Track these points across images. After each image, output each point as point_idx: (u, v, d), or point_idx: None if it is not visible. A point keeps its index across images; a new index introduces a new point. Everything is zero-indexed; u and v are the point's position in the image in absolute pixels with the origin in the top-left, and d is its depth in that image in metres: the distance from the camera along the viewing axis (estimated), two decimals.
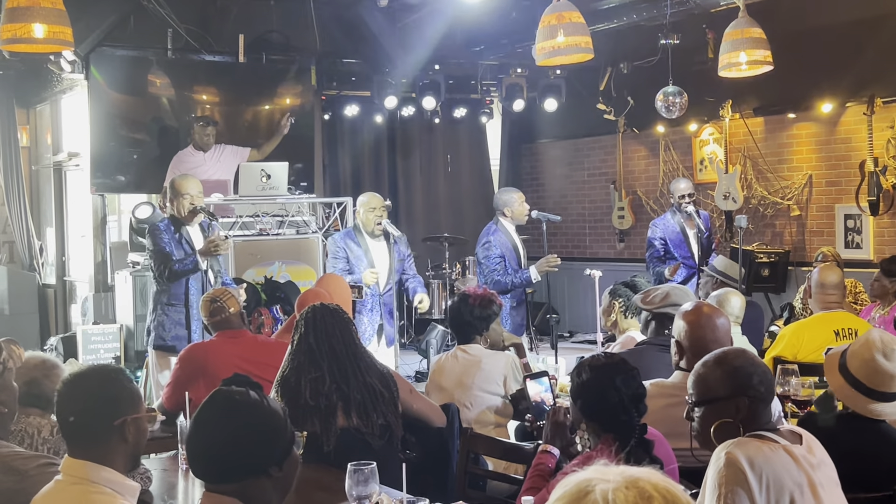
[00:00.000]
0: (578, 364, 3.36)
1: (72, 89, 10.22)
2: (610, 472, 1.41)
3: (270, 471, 2.37)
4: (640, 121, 11.25)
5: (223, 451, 2.36)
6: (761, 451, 2.76)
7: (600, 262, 10.36)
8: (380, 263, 7.08)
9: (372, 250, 7.06)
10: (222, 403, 2.41)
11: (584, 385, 3.26)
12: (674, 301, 4.64)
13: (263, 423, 2.40)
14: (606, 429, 3.19)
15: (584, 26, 5.52)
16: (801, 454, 2.81)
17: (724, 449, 2.78)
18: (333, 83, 11.09)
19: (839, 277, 5.68)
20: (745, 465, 2.71)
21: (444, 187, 12.51)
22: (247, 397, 2.41)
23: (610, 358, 3.35)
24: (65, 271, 11.12)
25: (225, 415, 2.39)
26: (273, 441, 2.40)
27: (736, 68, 6.44)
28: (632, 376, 3.24)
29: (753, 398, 2.89)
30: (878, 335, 3.40)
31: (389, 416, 3.97)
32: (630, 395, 3.19)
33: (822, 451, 2.91)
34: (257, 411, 2.40)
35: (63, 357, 8.61)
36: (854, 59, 9.10)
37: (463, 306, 5.03)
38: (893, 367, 3.33)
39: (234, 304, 4.95)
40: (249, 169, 8.50)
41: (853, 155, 9.34)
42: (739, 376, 2.92)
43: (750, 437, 2.83)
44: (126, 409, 2.71)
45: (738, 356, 2.99)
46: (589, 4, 8.55)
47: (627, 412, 3.17)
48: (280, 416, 2.44)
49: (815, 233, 9.82)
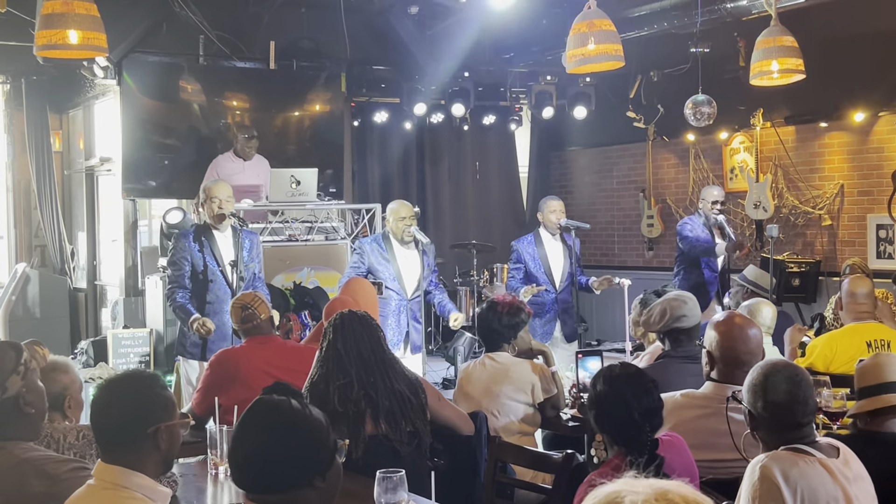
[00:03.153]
0: (595, 374, 3.35)
1: (104, 95, 10.32)
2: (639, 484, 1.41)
3: (315, 482, 2.33)
4: (670, 129, 11.21)
5: (268, 460, 2.32)
6: (796, 465, 2.74)
7: (629, 271, 10.35)
8: (409, 270, 7.09)
9: (400, 257, 7.07)
10: (266, 412, 2.37)
11: (598, 397, 3.23)
12: (675, 315, 4.62)
13: (308, 432, 2.36)
14: (618, 442, 3.17)
15: (614, 34, 5.51)
16: (837, 468, 2.78)
17: (759, 462, 2.75)
18: (363, 90, 11.13)
19: (869, 288, 5.63)
20: (779, 479, 2.68)
21: (472, 194, 12.51)
22: (290, 406, 2.37)
23: (625, 369, 3.30)
24: (96, 275, 11.20)
25: (269, 424, 2.35)
26: (317, 451, 2.36)
27: (768, 77, 6.40)
28: (646, 391, 3.19)
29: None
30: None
31: (418, 422, 3.97)
32: (642, 410, 3.15)
33: (860, 465, 2.88)
34: (302, 421, 2.36)
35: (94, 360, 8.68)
36: (887, 68, 9.03)
37: (491, 314, 5.02)
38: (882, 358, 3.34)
39: (265, 310, 4.97)
40: (279, 175, 8.54)
41: (885, 164, 9.26)
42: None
43: (786, 451, 2.81)
44: (160, 417, 2.72)
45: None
46: (619, 12, 8.53)
47: (638, 427, 3.13)
48: (324, 426, 2.40)
49: (846, 243, 9.74)
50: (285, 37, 10.41)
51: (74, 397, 3.92)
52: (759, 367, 3.03)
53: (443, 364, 9.77)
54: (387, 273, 6.98)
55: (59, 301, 10.73)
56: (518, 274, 7.62)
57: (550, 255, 7.59)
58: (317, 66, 10.61)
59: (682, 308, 4.63)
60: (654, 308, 4.75)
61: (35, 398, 3.29)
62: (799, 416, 2.90)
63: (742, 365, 3.67)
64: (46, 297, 10.56)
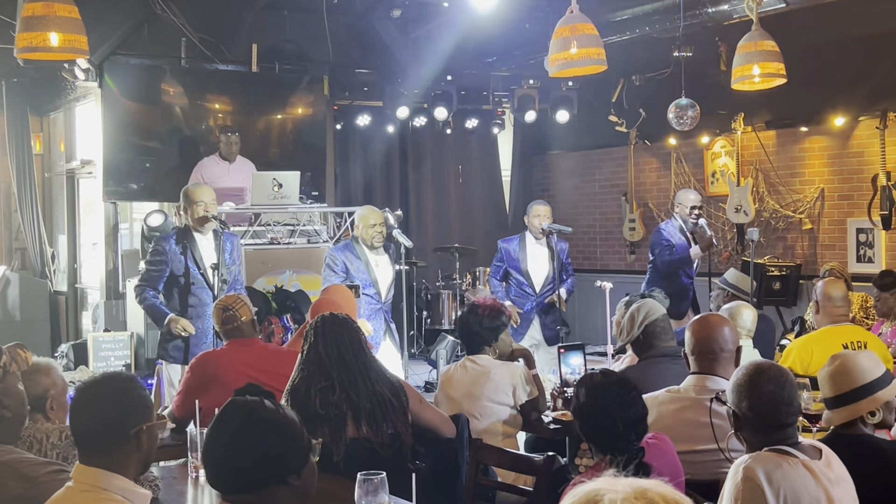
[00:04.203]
0: (580, 382, 3.33)
1: (85, 97, 10.27)
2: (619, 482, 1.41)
3: (289, 479, 2.36)
4: (652, 133, 11.25)
5: (241, 460, 2.34)
6: (780, 466, 2.75)
7: (611, 274, 10.36)
8: (383, 275, 7.12)
9: (372, 262, 7.09)
10: (238, 413, 2.40)
11: (583, 408, 3.23)
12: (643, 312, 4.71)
13: (280, 431, 2.38)
14: (604, 451, 3.17)
15: (597, 38, 5.53)
16: (819, 469, 2.80)
17: (742, 463, 2.77)
18: (346, 93, 11.12)
19: (845, 291, 5.67)
20: (762, 480, 2.70)
21: (455, 198, 12.52)
22: (262, 406, 2.40)
23: (607, 378, 3.30)
24: (76, 278, 11.15)
25: (241, 424, 2.37)
26: (291, 450, 2.39)
27: (749, 81, 6.43)
28: (630, 400, 3.19)
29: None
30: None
31: (399, 425, 3.97)
32: (627, 421, 3.15)
33: (842, 468, 2.89)
34: (274, 420, 2.39)
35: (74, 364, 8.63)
36: (867, 73, 9.09)
37: (472, 317, 5.03)
38: (865, 361, 3.35)
39: (247, 312, 4.96)
40: (261, 178, 8.52)
41: (865, 169, 9.32)
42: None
43: (769, 452, 2.82)
44: (141, 418, 2.72)
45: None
46: (602, 16, 8.56)
47: (624, 437, 3.14)
48: (297, 425, 2.43)
49: (826, 246, 9.80)
50: (268, 39, 10.40)
51: (57, 399, 3.89)
52: (744, 367, 3.05)
53: (424, 367, 9.77)
54: (361, 279, 6.98)
55: (40, 304, 10.67)
56: (498, 272, 7.79)
57: (532, 259, 7.66)
58: (299, 68, 10.60)
59: (642, 306, 4.73)
60: (622, 325, 4.80)
61: (13, 402, 3.27)
62: (783, 416, 2.91)
63: (718, 357, 3.84)
64: (27, 301, 10.50)
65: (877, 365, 3.37)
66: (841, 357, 3.42)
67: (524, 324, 7.63)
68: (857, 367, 3.33)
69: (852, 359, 3.37)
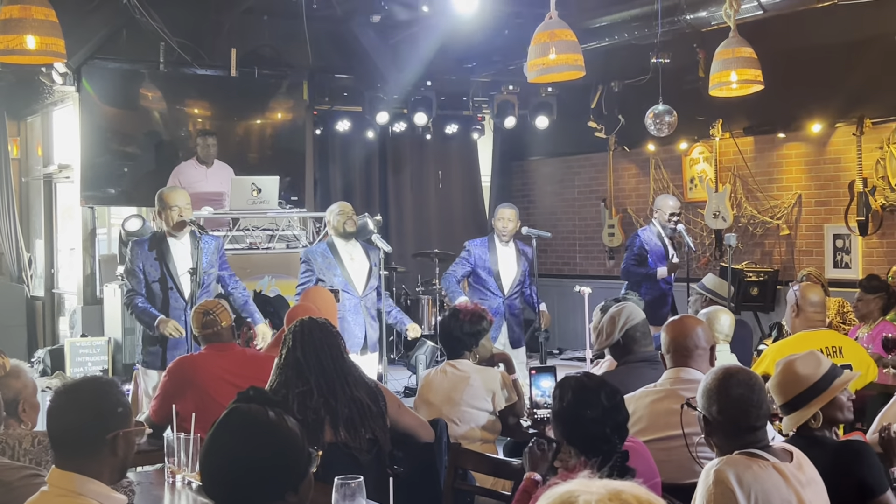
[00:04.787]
0: (562, 385, 3.32)
1: (63, 101, 10.22)
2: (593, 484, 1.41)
3: (287, 496, 2.28)
4: (631, 139, 11.30)
5: (241, 474, 2.25)
6: (750, 469, 2.77)
7: (590, 280, 10.40)
8: (356, 269, 7.06)
9: (346, 259, 7.04)
10: (241, 423, 2.30)
11: (565, 412, 3.22)
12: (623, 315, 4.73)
13: (283, 445, 2.29)
14: (586, 454, 3.17)
15: (575, 44, 5.55)
16: (790, 472, 2.81)
17: (714, 467, 2.78)
18: (325, 98, 11.11)
19: (822, 296, 5.70)
20: (734, 483, 2.71)
21: (434, 203, 12.52)
22: (266, 417, 2.30)
23: (592, 382, 3.31)
24: (53, 284, 11.08)
25: (245, 435, 2.28)
26: (291, 465, 2.29)
27: (727, 87, 6.47)
28: (614, 405, 3.20)
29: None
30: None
31: (377, 430, 3.96)
32: (612, 424, 3.16)
33: (813, 470, 2.91)
34: (277, 433, 2.30)
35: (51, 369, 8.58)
36: (844, 79, 9.16)
37: (453, 322, 5.03)
38: (803, 366, 3.38)
39: (226, 317, 4.94)
40: (240, 183, 8.50)
41: (842, 175, 9.38)
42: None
43: (740, 455, 2.84)
44: (118, 423, 2.69)
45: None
46: (581, 23, 8.59)
47: (609, 441, 3.15)
48: (299, 437, 2.33)
49: (804, 252, 9.86)
50: (247, 44, 10.38)
51: (28, 400, 3.87)
52: (713, 372, 3.08)
53: (404, 373, 9.76)
54: (335, 278, 6.95)
55: (16, 309, 10.60)
56: (460, 269, 7.74)
57: (501, 261, 7.69)
58: (279, 73, 10.58)
59: (623, 310, 4.75)
60: (601, 328, 4.81)
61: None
62: (753, 419, 2.93)
63: (692, 354, 3.98)
64: (3, 306, 10.43)
65: (818, 365, 3.41)
66: (783, 364, 3.46)
67: (498, 321, 7.61)
68: (797, 372, 3.38)
69: (792, 364, 3.41)
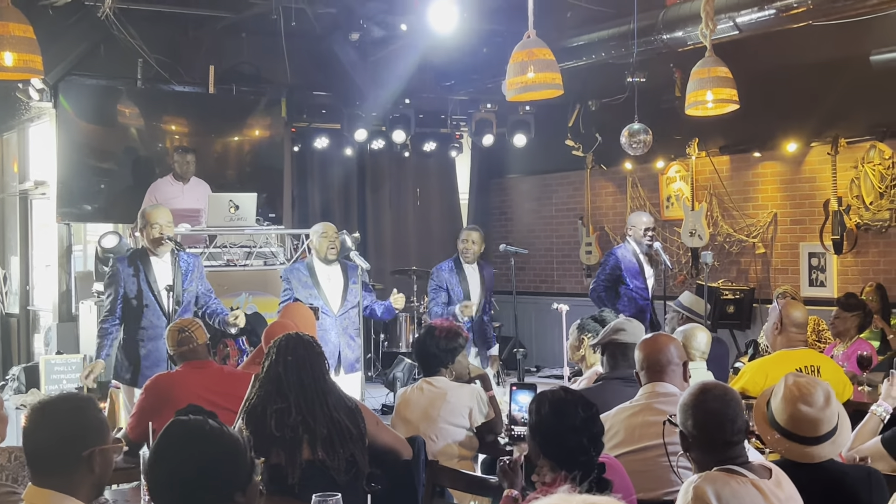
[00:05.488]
0: (538, 399, 3.33)
1: (40, 118, 10.17)
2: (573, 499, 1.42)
3: (235, 497, 2.37)
4: (608, 157, 11.36)
5: (186, 480, 2.34)
6: (728, 485, 2.78)
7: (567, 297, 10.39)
8: (332, 288, 7.09)
9: (323, 278, 7.07)
10: (182, 432, 2.40)
11: (543, 423, 3.23)
12: (615, 327, 4.77)
13: (225, 450, 2.39)
14: (564, 467, 3.17)
15: (553, 63, 5.58)
16: (769, 489, 2.83)
17: (692, 483, 2.80)
18: (304, 115, 11.10)
19: (806, 315, 5.69)
20: (712, 499, 2.73)
21: (413, 221, 12.53)
22: (205, 425, 2.40)
23: (569, 395, 3.33)
24: (28, 301, 11.00)
25: (185, 444, 2.37)
26: (235, 468, 2.39)
27: (702, 107, 6.51)
28: (591, 417, 3.22)
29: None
30: (793, 381, 3.34)
31: (356, 452, 3.92)
32: (589, 436, 3.18)
33: (792, 487, 2.93)
34: (218, 439, 2.39)
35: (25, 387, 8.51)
36: (819, 99, 9.25)
37: (429, 338, 5.03)
38: (816, 411, 3.27)
39: (202, 334, 4.92)
40: (218, 199, 8.47)
41: (817, 194, 9.46)
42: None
43: (719, 471, 2.86)
44: (94, 440, 2.70)
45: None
46: (558, 42, 8.64)
47: (586, 452, 3.16)
48: (240, 443, 2.43)
49: (779, 270, 9.92)
50: (225, 61, 10.39)
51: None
52: (690, 388, 3.11)
53: (382, 390, 9.73)
54: (311, 299, 6.96)
55: None
56: (439, 299, 7.80)
57: (470, 282, 7.75)
58: (257, 90, 10.58)
59: (624, 324, 4.77)
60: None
61: None
62: (728, 433, 2.96)
63: (665, 369, 4.01)
64: None
65: (832, 417, 3.33)
66: (814, 404, 3.32)
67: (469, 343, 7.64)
68: (824, 420, 3.30)
69: (821, 412, 3.32)
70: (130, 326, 6.38)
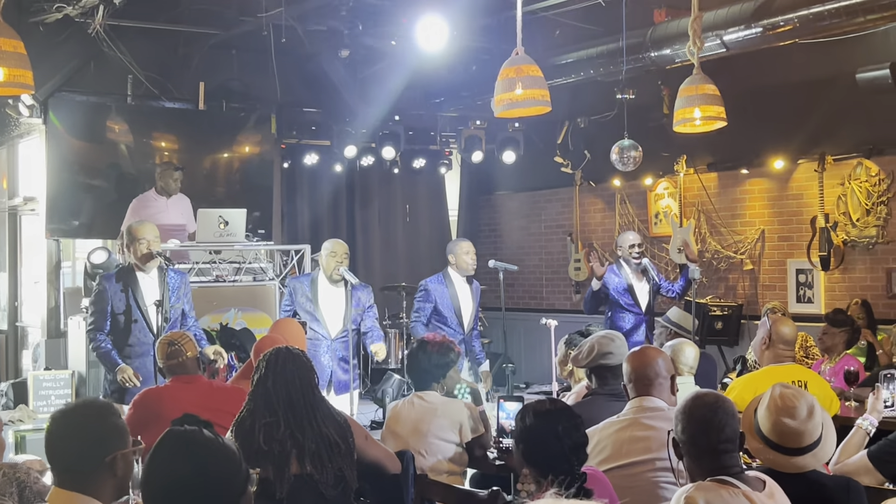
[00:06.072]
0: (523, 408, 3.39)
1: (29, 134, 10.16)
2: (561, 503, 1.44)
3: None
4: (597, 174, 11.41)
5: (180, 492, 2.35)
6: (720, 496, 2.81)
7: (557, 313, 10.43)
8: (333, 311, 7.10)
9: (324, 298, 7.08)
10: (177, 443, 2.41)
11: (527, 431, 3.27)
12: (602, 352, 4.73)
13: (219, 461, 2.39)
14: (547, 475, 3.20)
15: (542, 80, 5.60)
16: (761, 501, 2.85)
17: (684, 493, 2.82)
18: (293, 132, 11.11)
19: (795, 332, 5.70)
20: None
21: (402, 237, 12.55)
22: (201, 436, 2.41)
23: (554, 405, 3.38)
24: (17, 317, 10.97)
25: (180, 454, 2.38)
26: (229, 480, 2.39)
27: (690, 124, 6.53)
28: (574, 426, 3.27)
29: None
30: (779, 393, 3.40)
31: (345, 467, 3.93)
32: (571, 444, 3.21)
33: (785, 498, 2.95)
34: (213, 449, 2.40)
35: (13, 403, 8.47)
36: (805, 117, 9.32)
37: (421, 353, 5.04)
38: (798, 423, 3.32)
39: (192, 348, 4.93)
40: (207, 215, 8.48)
41: (804, 210, 9.52)
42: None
43: (711, 482, 2.88)
44: (116, 445, 2.78)
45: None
46: (547, 60, 8.70)
47: (569, 461, 3.19)
48: (235, 454, 2.44)
49: (767, 287, 9.96)
50: (215, 78, 10.40)
51: None
52: (686, 396, 3.14)
53: (371, 406, 9.73)
54: (309, 313, 6.97)
55: None
56: (424, 312, 7.67)
57: (461, 296, 7.70)
58: (247, 107, 10.60)
59: (609, 346, 4.73)
60: (584, 344, 4.84)
61: None
62: (714, 441, 2.98)
63: (653, 382, 4.03)
64: None
65: (815, 430, 3.38)
66: (797, 417, 3.38)
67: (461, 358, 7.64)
68: (806, 432, 3.35)
69: (803, 424, 3.36)
70: (118, 343, 6.37)
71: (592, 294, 8.11)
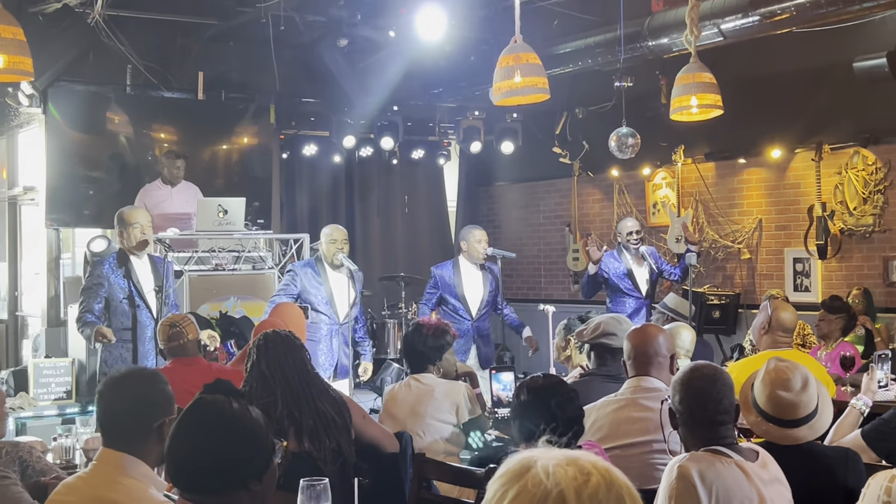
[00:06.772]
0: (519, 384, 3.44)
1: (29, 124, 10.19)
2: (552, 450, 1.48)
3: (250, 484, 2.36)
4: (595, 164, 11.43)
5: (205, 461, 2.34)
6: (713, 466, 2.85)
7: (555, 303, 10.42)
8: (340, 294, 7.15)
9: (332, 281, 7.14)
10: (205, 412, 2.40)
11: (522, 406, 3.32)
12: (606, 331, 4.75)
13: (246, 434, 2.38)
14: None
15: (540, 67, 5.63)
16: (753, 470, 2.89)
17: (678, 462, 2.86)
18: (292, 122, 11.14)
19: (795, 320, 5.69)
20: (696, 479, 2.79)
21: (401, 228, 12.57)
22: (230, 406, 2.39)
23: (548, 380, 3.42)
24: (17, 307, 11.00)
25: (209, 424, 2.37)
26: (255, 454, 2.39)
27: (687, 112, 6.57)
28: (568, 399, 3.31)
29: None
30: (774, 366, 3.44)
31: (342, 442, 3.98)
32: (566, 417, 3.25)
33: (777, 469, 2.99)
34: (242, 422, 2.38)
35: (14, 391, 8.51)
36: (802, 106, 9.34)
37: (416, 336, 5.08)
38: (793, 395, 3.37)
39: (193, 330, 4.97)
40: (206, 204, 8.51)
41: (802, 199, 9.55)
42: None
43: (704, 452, 2.92)
44: (164, 412, 2.90)
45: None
46: (545, 49, 8.71)
47: (563, 434, 3.23)
48: (262, 427, 2.43)
49: (764, 276, 10.00)
50: (214, 68, 10.42)
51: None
52: (684, 367, 3.18)
53: (370, 395, 9.75)
54: (319, 296, 7.01)
55: None
56: (431, 299, 7.83)
57: (468, 284, 7.78)
58: (246, 97, 10.62)
59: (615, 327, 4.77)
60: (591, 321, 4.88)
61: None
62: (711, 412, 3.02)
63: (653, 361, 4.04)
64: None
65: (810, 402, 3.41)
66: (792, 388, 3.43)
67: (466, 344, 7.68)
68: (801, 404, 3.39)
69: (798, 396, 3.40)
70: (118, 327, 6.40)
71: (589, 278, 8.17)
